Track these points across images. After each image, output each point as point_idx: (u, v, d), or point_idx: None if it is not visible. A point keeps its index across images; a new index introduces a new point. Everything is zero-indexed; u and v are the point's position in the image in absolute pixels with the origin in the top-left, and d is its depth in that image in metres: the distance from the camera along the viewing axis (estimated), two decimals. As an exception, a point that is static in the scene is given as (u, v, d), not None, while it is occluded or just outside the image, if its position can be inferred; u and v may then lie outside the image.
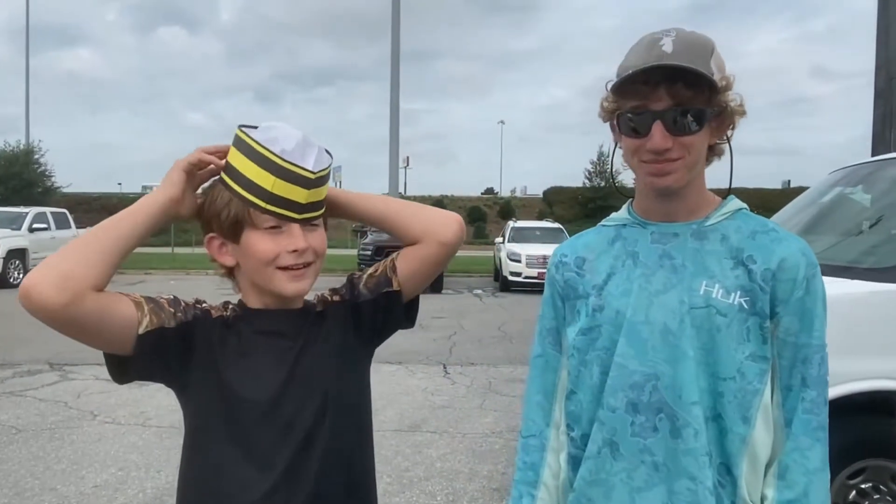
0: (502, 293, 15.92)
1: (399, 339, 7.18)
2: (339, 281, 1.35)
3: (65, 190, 28.59)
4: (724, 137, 1.26)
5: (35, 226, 16.22)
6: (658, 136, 1.15)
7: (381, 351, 1.35)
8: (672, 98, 1.14)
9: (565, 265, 1.35)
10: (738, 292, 1.17)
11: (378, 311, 1.28)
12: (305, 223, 1.16)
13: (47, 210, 17.57)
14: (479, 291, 16.32)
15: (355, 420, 1.26)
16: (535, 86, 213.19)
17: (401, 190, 47.61)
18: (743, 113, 1.22)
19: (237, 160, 1.13)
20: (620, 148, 1.28)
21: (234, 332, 1.20)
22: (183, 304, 1.19)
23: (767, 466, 1.19)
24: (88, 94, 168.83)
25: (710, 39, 1.19)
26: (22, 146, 27.37)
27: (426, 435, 5.08)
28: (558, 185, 55.62)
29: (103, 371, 1.19)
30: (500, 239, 19.50)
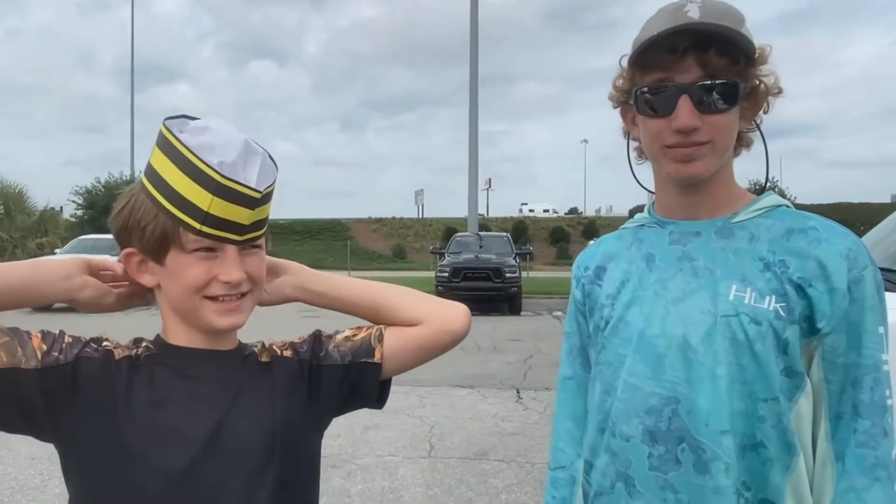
0: (583, 315, 15.43)
1: (472, 363, 7.01)
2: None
3: (163, 218, 29.98)
4: (754, 123, 1.07)
5: (132, 252, 17.10)
6: (686, 112, 0.97)
7: (451, 374, 1.18)
8: (702, 68, 0.97)
9: (586, 276, 1.19)
10: (773, 297, 0.98)
11: (346, 382, 1.07)
12: (245, 245, 0.97)
13: (144, 237, 18.47)
14: (559, 313, 15.88)
15: (296, 498, 1.04)
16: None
17: (482, 211, 47.61)
18: (779, 92, 1.03)
19: (165, 168, 0.93)
20: (634, 139, 1.11)
21: (145, 375, 0.97)
22: (66, 341, 0.95)
23: None
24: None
25: (740, 11, 1.01)
26: (125, 178, 29.12)
27: (493, 463, 4.86)
28: (645, 204, 54.18)
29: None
30: (580, 259, 19.03)
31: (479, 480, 4.51)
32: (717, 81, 0.97)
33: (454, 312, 1.09)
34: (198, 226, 0.92)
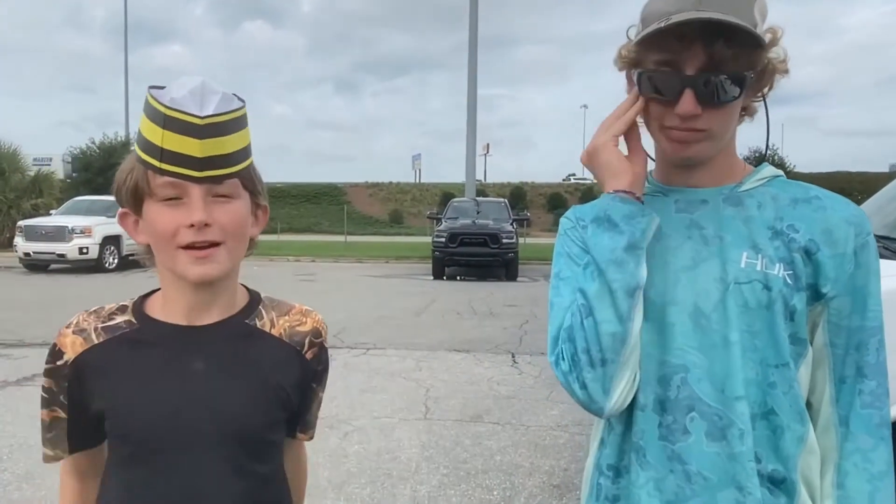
0: (579, 281, 15.45)
1: (468, 328, 6.99)
2: (413, 267, 1.15)
3: (159, 179, 29.71)
4: (760, 95, 1.06)
5: (128, 213, 17.01)
6: (688, 102, 0.96)
7: (447, 339, 1.21)
8: (709, 57, 0.95)
9: (584, 228, 1.12)
10: (782, 264, 0.99)
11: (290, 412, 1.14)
12: (211, 188, 0.96)
13: (140, 199, 18.35)
14: (556, 279, 15.94)
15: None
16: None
17: (479, 177, 47.26)
18: (785, 71, 1.02)
19: (140, 123, 0.97)
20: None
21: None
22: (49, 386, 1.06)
23: (823, 472, 1.01)
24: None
25: None
26: (120, 139, 28.84)
27: (488, 426, 4.93)
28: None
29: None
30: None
31: (473, 442, 4.58)
32: (722, 76, 0.96)
33: None
34: (157, 163, 0.94)
